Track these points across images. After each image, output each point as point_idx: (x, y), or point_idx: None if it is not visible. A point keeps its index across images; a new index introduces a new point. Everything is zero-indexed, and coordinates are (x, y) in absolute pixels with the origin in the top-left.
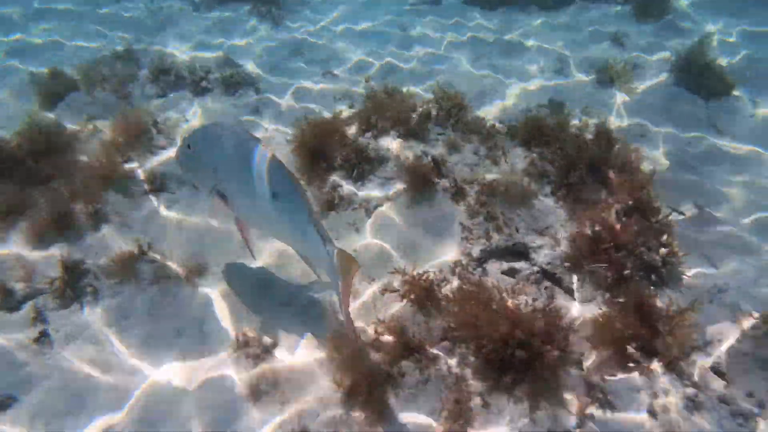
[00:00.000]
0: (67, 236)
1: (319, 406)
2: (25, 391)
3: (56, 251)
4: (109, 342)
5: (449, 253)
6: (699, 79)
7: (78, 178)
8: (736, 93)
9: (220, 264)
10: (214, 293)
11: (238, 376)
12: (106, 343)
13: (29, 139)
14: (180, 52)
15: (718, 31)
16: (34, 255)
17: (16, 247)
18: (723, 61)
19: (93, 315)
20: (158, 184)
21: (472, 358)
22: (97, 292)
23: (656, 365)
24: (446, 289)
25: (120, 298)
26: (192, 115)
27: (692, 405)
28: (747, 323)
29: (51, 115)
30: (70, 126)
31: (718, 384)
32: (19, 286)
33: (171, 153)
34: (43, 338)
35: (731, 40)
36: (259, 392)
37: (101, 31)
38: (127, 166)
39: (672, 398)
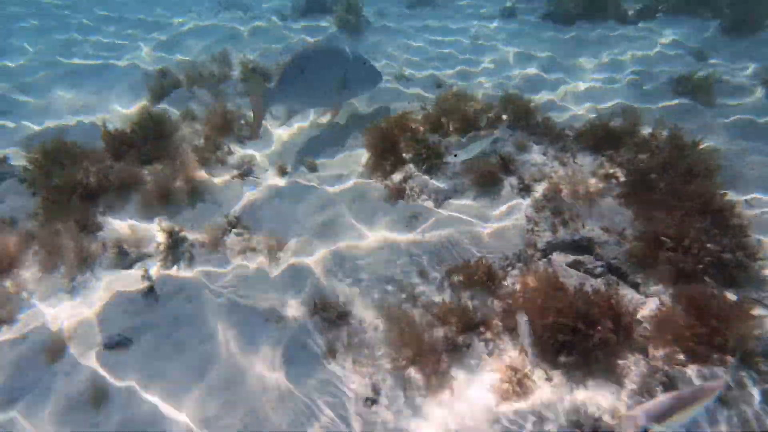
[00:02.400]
0: (168, 210)
1: None
2: (138, 335)
3: (160, 222)
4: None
5: (515, 243)
6: None
7: (179, 161)
8: None
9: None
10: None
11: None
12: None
13: (141, 126)
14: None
15: None
16: (143, 225)
17: (129, 217)
18: None
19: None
20: (245, 169)
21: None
22: (192, 258)
23: (729, 359)
24: (513, 273)
25: (210, 266)
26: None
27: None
28: None
29: (160, 107)
30: (174, 116)
31: None
32: (131, 250)
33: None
34: (150, 293)
35: None
36: None
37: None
38: (219, 153)
39: (749, 391)
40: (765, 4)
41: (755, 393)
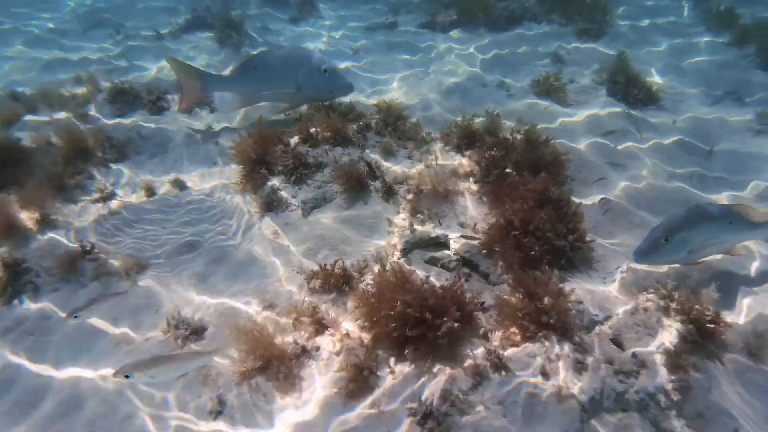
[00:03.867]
0: (13, 239)
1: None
2: None
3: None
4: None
5: (378, 245)
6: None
7: (29, 187)
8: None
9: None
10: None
11: None
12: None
13: None
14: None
15: None
16: None
17: None
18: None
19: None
20: (108, 192)
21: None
22: (38, 289)
23: (553, 336)
24: (368, 276)
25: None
26: (147, 133)
27: (581, 366)
28: (642, 297)
29: (9, 132)
30: (27, 142)
31: (614, 351)
32: None
33: (122, 166)
34: None
35: None
36: None
37: (67, 59)
38: (79, 177)
39: (563, 362)
40: (607, 13)
41: (568, 363)
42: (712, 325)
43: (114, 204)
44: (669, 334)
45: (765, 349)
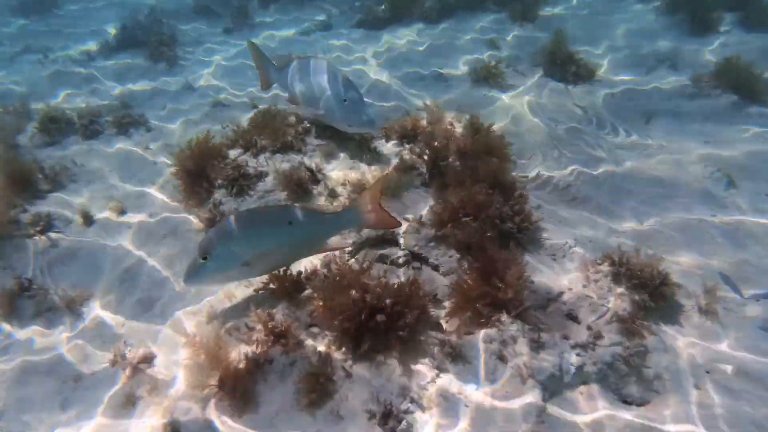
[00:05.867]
0: None
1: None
2: None
3: None
4: None
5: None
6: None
7: None
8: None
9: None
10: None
11: None
12: None
13: None
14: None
15: None
16: None
17: None
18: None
19: None
20: (44, 224)
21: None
22: None
23: (507, 318)
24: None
25: None
26: (82, 159)
27: (537, 345)
28: (592, 269)
29: None
30: None
31: (569, 326)
32: None
33: (57, 195)
34: None
35: None
36: None
37: None
38: (13, 211)
39: (520, 343)
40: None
41: (524, 343)
42: (662, 287)
43: (51, 236)
44: (621, 301)
45: (714, 304)
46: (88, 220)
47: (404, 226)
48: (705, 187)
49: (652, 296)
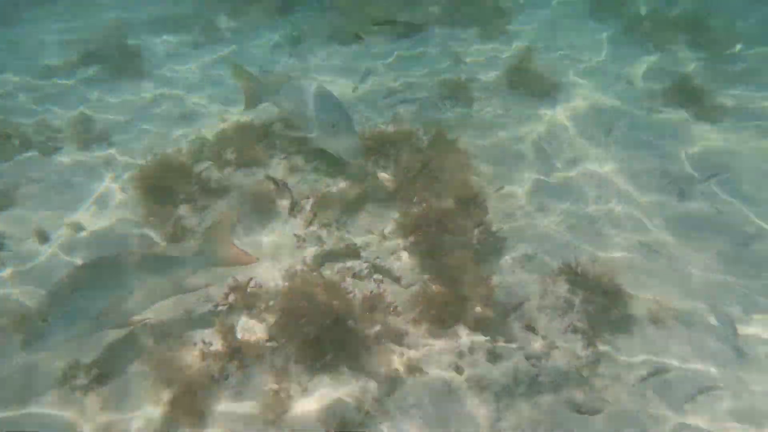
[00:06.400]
0: None
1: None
2: None
3: None
4: None
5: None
6: None
7: None
8: None
9: None
10: None
11: None
12: None
13: None
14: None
15: None
16: None
17: None
18: None
19: None
20: None
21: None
22: None
23: (465, 329)
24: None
25: None
26: (41, 174)
27: (493, 356)
28: (550, 280)
29: None
30: None
31: (526, 336)
32: None
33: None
34: None
35: None
36: None
37: None
38: None
39: (476, 354)
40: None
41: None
42: (616, 297)
43: (2, 255)
44: (577, 312)
45: (665, 313)
46: (44, 238)
47: (367, 238)
48: None
49: (607, 305)
